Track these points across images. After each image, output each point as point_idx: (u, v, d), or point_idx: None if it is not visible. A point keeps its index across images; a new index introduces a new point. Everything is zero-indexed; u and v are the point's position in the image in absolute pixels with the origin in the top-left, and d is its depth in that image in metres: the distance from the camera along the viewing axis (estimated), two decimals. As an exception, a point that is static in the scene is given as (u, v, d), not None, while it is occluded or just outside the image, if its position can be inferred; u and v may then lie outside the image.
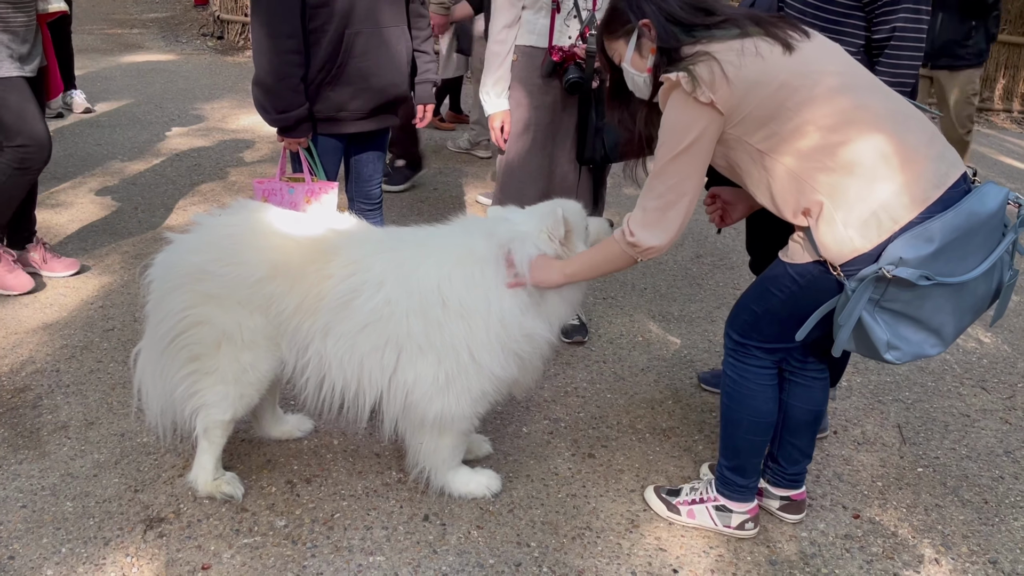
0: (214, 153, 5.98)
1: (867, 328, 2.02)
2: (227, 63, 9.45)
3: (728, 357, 2.40)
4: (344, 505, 2.56)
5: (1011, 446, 3.10)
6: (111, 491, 2.54)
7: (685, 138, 2.05)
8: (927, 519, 2.67)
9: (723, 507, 2.49)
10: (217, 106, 7.33)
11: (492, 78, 3.30)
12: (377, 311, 2.31)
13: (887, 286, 1.96)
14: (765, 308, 2.25)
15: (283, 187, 3.19)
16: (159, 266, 2.42)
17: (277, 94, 2.98)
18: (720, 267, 4.61)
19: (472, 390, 2.40)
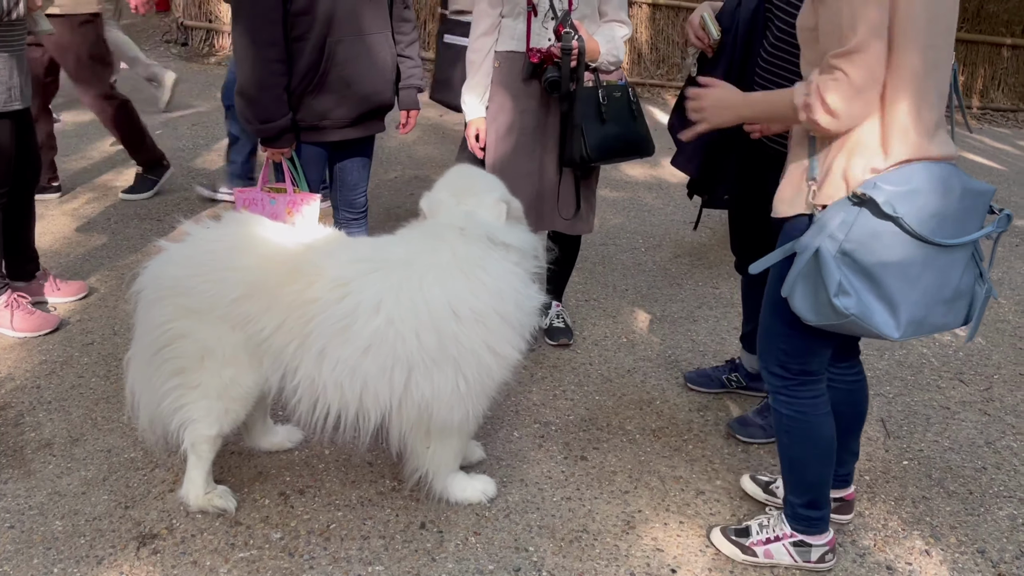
0: (185, 161, 5.90)
1: (822, 262, 1.92)
2: (193, 70, 9.33)
3: (778, 396, 2.29)
4: (339, 515, 2.54)
5: (991, 437, 3.16)
6: (101, 508, 2.50)
7: None
8: (915, 511, 2.72)
9: (801, 542, 2.39)
10: (187, 114, 7.24)
11: (468, 85, 3.36)
12: (380, 333, 2.24)
13: (855, 219, 1.90)
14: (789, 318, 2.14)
15: (264, 197, 3.15)
16: (146, 276, 2.39)
17: (260, 104, 2.95)
18: (698, 266, 4.65)
19: (494, 385, 2.41)
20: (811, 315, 2.01)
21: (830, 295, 1.92)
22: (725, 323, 3.99)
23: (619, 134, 3.19)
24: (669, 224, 5.28)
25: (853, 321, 1.95)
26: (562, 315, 3.71)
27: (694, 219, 5.37)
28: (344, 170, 3.34)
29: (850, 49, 1.83)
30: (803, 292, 2.00)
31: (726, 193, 2.75)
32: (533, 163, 3.28)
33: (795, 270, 2.00)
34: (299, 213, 3.13)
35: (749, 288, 3.13)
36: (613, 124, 3.17)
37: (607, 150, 3.19)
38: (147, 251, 4.36)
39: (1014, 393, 3.50)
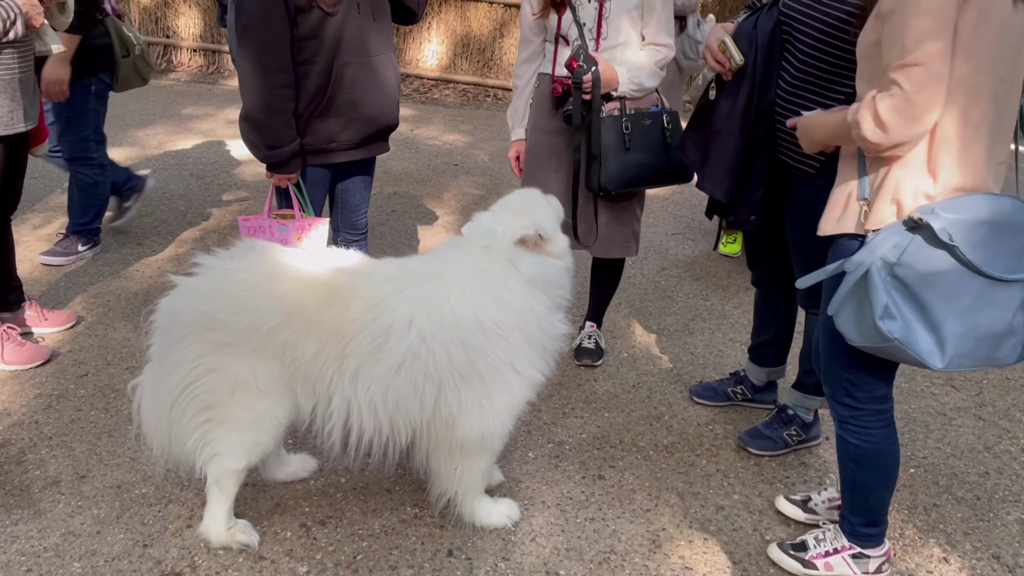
0: (158, 183, 5.77)
1: (871, 284, 1.91)
2: (152, 87, 9.08)
3: (846, 425, 2.28)
4: (364, 546, 2.50)
5: (989, 442, 3.25)
6: (119, 548, 2.43)
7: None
8: (928, 519, 2.78)
9: (860, 554, 2.41)
10: (151, 132, 7.10)
11: (510, 109, 3.49)
12: (412, 350, 2.26)
13: (908, 244, 1.90)
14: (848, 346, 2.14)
15: (272, 224, 3.10)
16: (165, 313, 2.33)
17: (268, 130, 2.91)
18: (687, 279, 4.70)
19: (517, 403, 2.41)
20: (855, 335, 2.03)
21: (875, 317, 1.93)
22: (720, 335, 4.03)
23: (645, 162, 3.18)
24: (653, 236, 5.33)
25: (896, 346, 1.95)
26: (594, 336, 3.70)
27: (678, 231, 5.47)
28: (346, 191, 3.31)
29: (908, 62, 1.84)
30: (849, 312, 2.01)
31: (752, 214, 2.77)
32: (559, 184, 3.29)
33: (843, 289, 2.01)
34: (308, 238, 3.09)
35: (764, 303, 3.17)
36: (638, 152, 3.16)
37: (630, 179, 3.19)
38: (130, 277, 4.26)
39: (1004, 398, 3.60)
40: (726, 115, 2.68)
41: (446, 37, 9.50)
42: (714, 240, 3.31)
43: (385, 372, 2.25)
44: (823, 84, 2.53)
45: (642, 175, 3.23)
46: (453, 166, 6.72)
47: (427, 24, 9.46)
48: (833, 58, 2.49)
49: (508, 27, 9.38)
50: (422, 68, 9.67)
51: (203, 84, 9.29)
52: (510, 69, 9.41)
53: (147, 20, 10.00)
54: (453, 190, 6.09)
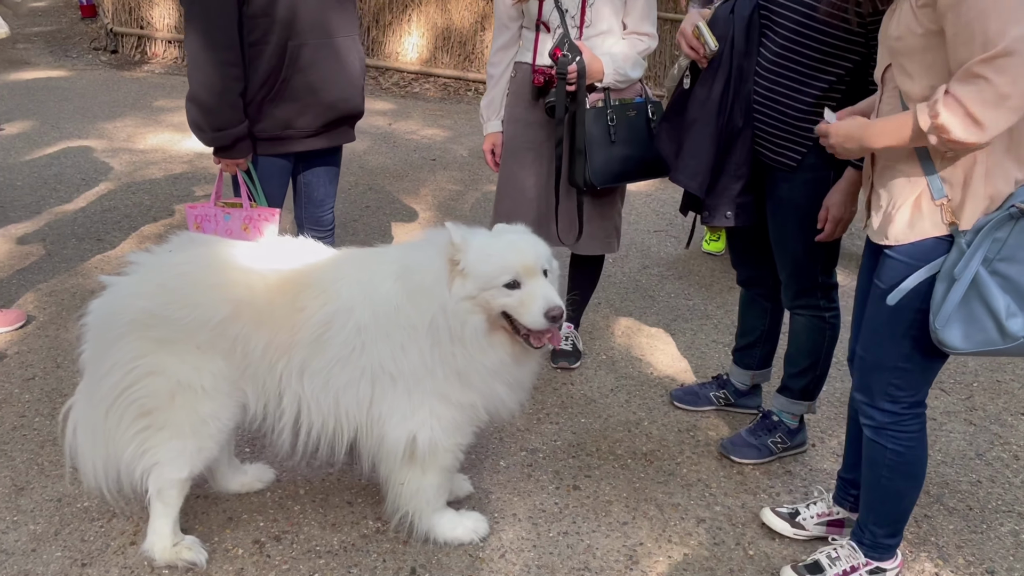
0: (124, 176, 5.58)
1: (983, 287, 1.83)
2: (125, 78, 8.91)
3: (884, 431, 2.16)
4: (321, 563, 2.34)
5: (981, 448, 3.12)
6: (54, 567, 2.25)
7: None
8: (919, 531, 2.64)
9: (877, 569, 2.32)
10: (121, 125, 6.88)
11: (485, 100, 3.30)
12: (350, 342, 2.15)
13: (1009, 235, 1.82)
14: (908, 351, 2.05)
15: (218, 213, 2.93)
16: (98, 313, 2.16)
17: (213, 111, 2.73)
18: (668, 278, 4.55)
19: (440, 417, 2.24)
20: (962, 343, 1.90)
21: (1001, 319, 1.84)
22: (703, 336, 3.89)
23: (631, 155, 3.03)
24: (634, 234, 5.18)
25: (1021, 344, 1.85)
26: (571, 337, 3.54)
27: (660, 228, 5.32)
28: (309, 185, 3.14)
29: (996, 53, 1.69)
30: (958, 321, 1.89)
31: (728, 209, 2.62)
32: (539, 179, 3.13)
33: (954, 298, 1.87)
34: (256, 230, 2.91)
35: (750, 303, 3.03)
36: (623, 145, 3.01)
37: (616, 173, 3.04)
38: (87, 274, 4.07)
39: (995, 401, 3.47)
40: (702, 103, 2.54)
41: (427, 30, 9.31)
42: (687, 238, 3.15)
43: (326, 364, 2.14)
44: (805, 72, 2.39)
45: (628, 169, 3.08)
46: (431, 161, 6.55)
47: (407, 17, 9.28)
48: (815, 44, 2.35)
49: (489, 20, 9.20)
50: (402, 61, 9.48)
51: (178, 76, 9.06)
52: (491, 63, 9.25)
53: (121, 10, 9.76)
54: (430, 185, 5.92)
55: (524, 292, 2.09)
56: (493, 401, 2.28)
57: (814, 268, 2.65)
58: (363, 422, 2.24)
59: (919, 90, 1.90)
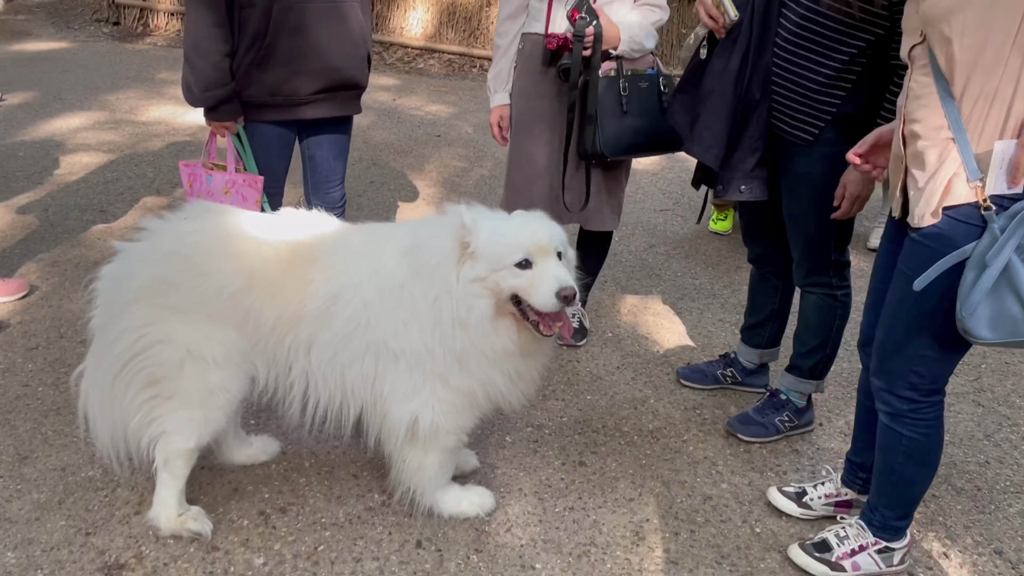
0: (126, 148, 5.54)
1: (1014, 276, 1.77)
2: (127, 50, 8.85)
3: (902, 419, 2.13)
4: (327, 536, 2.33)
5: (989, 429, 3.10)
6: (58, 536, 2.24)
7: None
8: (927, 511, 2.63)
9: (885, 548, 2.30)
10: (123, 97, 6.83)
11: (493, 71, 3.25)
12: (355, 317, 2.12)
13: None
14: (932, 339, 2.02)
15: (203, 173, 2.92)
16: (109, 279, 2.14)
17: (198, 70, 2.73)
18: (675, 256, 4.52)
19: (441, 400, 2.21)
20: (989, 332, 1.84)
21: None
22: (709, 315, 3.86)
23: (642, 128, 2.98)
24: (640, 212, 5.14)
25: None
26: (578, 315, 3.51)
27: (666, 207, 5.29)
28: (314, 159, 3.09)
29: None
30: (986, 309, 1.83)
31: (743, 183, 2.59)
32: (549, 152, 3.09)
33: (981, 288, 1.81)
34: (239, 196, 2.88)
35: (761, 281, 3.00)
36: (635, 117, 2.96)
37: (626, 145, 2.99)
38: (90, 245, 4.04)
39: (1003, 383, 3.45)
40: (719, 74, 2.50)
41: (431, 5, 9.22)
42: (698, 214, 3.11)
43: (332, 338, 2.12)
44: (825, 44, 2.35)
45: (639, 141, 3.03)
46: (436, 137, 6.50)
47: (412, -9, 9.19)
48: (836, 15, 2.30)
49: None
50: (406, 37, 9.40)
51: (180, 49, 8.93)
52: (497, 39, 9.17)
53: (122, -18, 9.68)
54: (435, 162, 5.87)
55: (535, 272, 2.04)
56: (492, 390, 2.23)
57: (827, 246, 2.62)
58: (367, 398, 2.22)
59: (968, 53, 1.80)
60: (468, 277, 2.07)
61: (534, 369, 2.25)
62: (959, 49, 1.82)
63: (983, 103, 1.82)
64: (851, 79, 2.34)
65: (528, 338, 2.15)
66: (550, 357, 2.35)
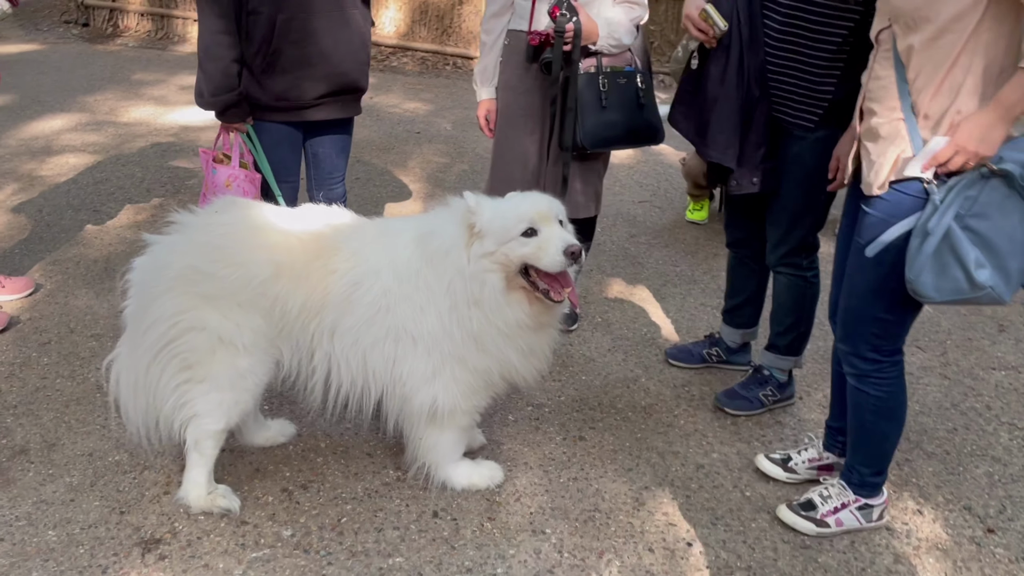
0: (112, 149, 5.60)
1: (956, 241, 1.98)
2: (98, 51, 8.84)
3: (867, 379, 2.34)
4: (348, 509, 2.47)
5: (955, 399, 3.33)
6: (94, 515, 2.36)
7: None
8: (901, 473, 2.84)
9: (865, 506, 2.50)
10: (101, 98, 6.86)
11: (479, 67, 3.39)
12: (376, 302, 2.27)
13: (980, 193, 1.97)
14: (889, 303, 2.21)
15: (211, 165, 3.07)
16: (143, 269, 2.26)
17: (207, 75, 2.88)
18: (656, 245, 4.71)
19: (460, 381, 2.37)
20: (934, 293, 2.05)
21: (970, 270, 1.99)
22: (691, 300, 4.06)
23: (620, 121, 3.15)
24: (620, 204, 5.33)
25: (988, 293, 2.01)
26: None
27: (644, 199, 5.48)
28: (317, 156, 3.24)
29: None
30: (930, 273, 2.03)
31: (755, 176, 2.77)
32: (533, 144, 3.25)
33: (925, 252, 2.01)
34: (239, 189, 3.02)
35: (738, 265, 3.20)
36: (614, 111, 3.13)
37: (605, 138, 3.15)
38: (88, 244, 4.12)
39: (967, 357, 3.69)
40: (719, 81, 2.67)
41: (404, 3, 9.32)
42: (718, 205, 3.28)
43: (354, 324, 2.26)
44: (813, 31, 2.53)
45: (616, 135, 3.20)
46: (416, 134, 6.63)
47: (385, -10, 9.29)
48: (818, 6, 2.49)
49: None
50: (380, 35, 9.48)
51: (152, 50, 9.00)
52: (470, 37, 9.29)
53: (92, -17, 9.64)
54: (417, 158, 6.01)
55: (541, 238, 2.21)
56: (507, 367, 2.39)
57: (808, 228, 2.82)
58: (388, 381, 2.36)
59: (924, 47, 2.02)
60: (477, 254, 2.23)
61: (545, 343, 2.42)
62: (918, 42, 2.04)
63: (931, 93, 2.05)
64: (841, 64, 2.54)
65: (539, 309, 2.32)
66: (559, 331, 2.52)
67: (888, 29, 2.13)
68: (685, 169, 4.92)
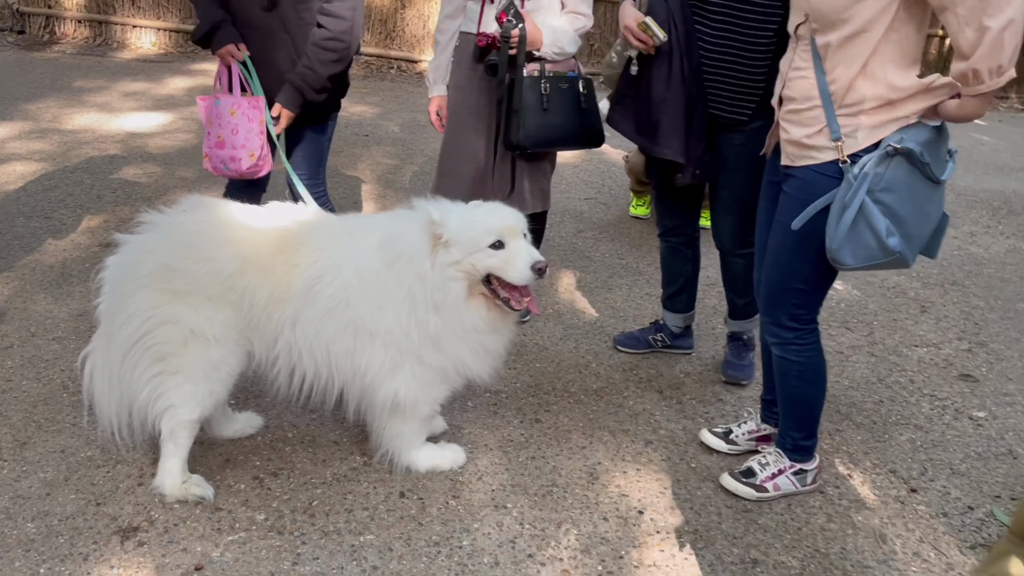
0: (58, 156, 5.59)
1: (867, 213, 2.22)
2: (36, 59, 8.72)
3: (789, 347, 2.56)
4: (318, 492, 2.59)
5: (882, 374, 3.59)
6: (71, 507, 2.44)
7: None
8: (832, 442, 3.07)
9: (800, 471, 2.70)
10: (44, 106, 6.80)
11: (432, 65, 3.57)
12: (336, 296, 2.39)
13: (887, 170, 2.21)
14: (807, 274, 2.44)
15: (212, 99, 3.22)
16: (115, 268, 2.36)
17: (197, 3, 3.15)
18: (602, 240, 4.91)
19: (417, 376, 2.49)
20: (851, 259, 2.29)
21: (883, 238, 2.23)
22: (637, 290, 4.26)
23: (560, 124, 3.30)
24: (568, 201, 5.52)
25: (897, 257, 2.28)
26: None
27: (590, 196, 5.68)
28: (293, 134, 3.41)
29: None
30: (848, 241, 2.27)
31: (697, 168, 2.96)
32: (479, 141, 3.40)
33: (844, 224, 2.24)
34: (245, 117, 3.15)
35: (672, 254, 3.40)
36: (555, 114, 3.28)
37: (545, 139, 3.30)
38: (43, 250, 4.15)
39: (892, 336, 3.96)
40: (664, 83, 2.86)
41: (347, 9, 9.39)
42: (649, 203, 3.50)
43: (316, 315, 2.37)
44: (744, 35, 2.74)
45: (557, 136, 3.35)
46: (364, 136, 6.73)
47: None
48: (748, 10, 2.70)
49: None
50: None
51: (91, 56, 8.92)
52: (413, 41, 9.42)
53: (27, -11, 9.50)
54: (367, 160, 6.12)
55: (509, 251, 2.35)
56: (462, 366, 2.52)
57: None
58: (348, 371, 2.48)
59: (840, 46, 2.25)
60: (444, 262, 2.36)
61: (500, 344, 2.56)
62: (836, 40, 2.27)
63: (847, 85, 2.28)
64: (771, 59, 2.74)
65: (496, 315, 2.46)
66: (515, 333, 2.66)
67: (805, 24, 2.34)
68: (628, 166, 5.13)
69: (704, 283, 4.12)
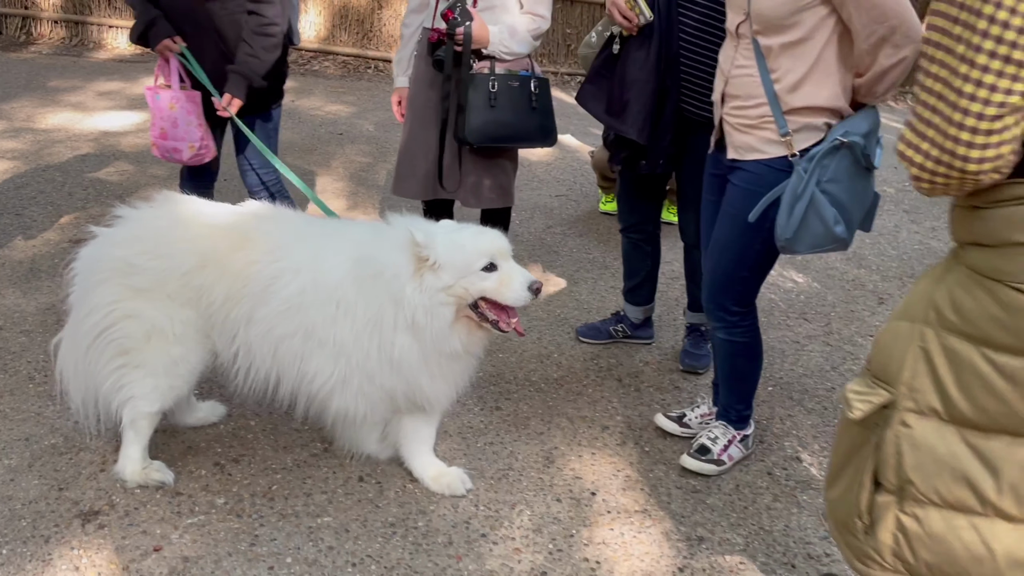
0: (31, 155, 5.61)
1: (817, 204, 2.33)
2: (12, 59, 8.71)
3: (732, 329, 2.70)
4: (278, 478, 2.65)
5: (836, 363, 3.68)
6: (34, 492, 2.49)
7: None
8: (783, 427, 3.16)
9: (744, 437, 2.87)
10: (17, 106, 6.81)
11: (396, 57, 3.68)
12: (290, 299, 2.35)
13: (833, 162, 2.31)
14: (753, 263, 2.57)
15: (154, 93, 3.39)
16: (84, 260, 2.41)
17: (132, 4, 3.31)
18: (570, 235, 5.00)
19: (365, 394, 2.43)
20: (801, 247, 2.42)
21: (831, 226, 2.35)
22: (603, 283, 4.34)
23: (508, 122, 3.32)
24: (538, 198, 5.60)
25: (844, 241, 2.41)
26: None
27: (560, 193, 5.76)
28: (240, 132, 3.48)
29: None
30: (799, 230, 2.37)
31: (661, 158, 3.04)
32: (434, 135, 3.46)
33: (796, 214, 2.34)
34: (182, 110, 3.35)
35: (633, 249, 3.49)
36: (502, 111, 3.30)
37: (490, 135, 3.32)
38: (12, 247, 4.18)
39: (848, 327, 4.06)
40: (640, 65, 2.91)
41: (323, 8, 9.45)
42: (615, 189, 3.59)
43: (268, 315, 2.34)
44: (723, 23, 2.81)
45: (505, 134, 3.36)
46: (338, 135, 6.79)
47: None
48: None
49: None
50: (301, 39, 9.58)
51: (67, 57, 8.92)
52: (390, 40, 9.47)
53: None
54: (340, 158, 6.17)
55: (502, 273, 2.31)
56: (413, 391, 2.44)
57: None
58: (295, 376, 2.44)
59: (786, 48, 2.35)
60: (434, 287, 2.26)
61: (463, 372, 2.50)
62: (779, 44, 2.35)
63: (792, 85, 2.38)
64: None
65: (476, 338, 2.41)
66: (479, 360, 2.61)
67: (746, 23, 2.42)
68: (594, 161, 5.22)
69: (668, 276, 4.24)
